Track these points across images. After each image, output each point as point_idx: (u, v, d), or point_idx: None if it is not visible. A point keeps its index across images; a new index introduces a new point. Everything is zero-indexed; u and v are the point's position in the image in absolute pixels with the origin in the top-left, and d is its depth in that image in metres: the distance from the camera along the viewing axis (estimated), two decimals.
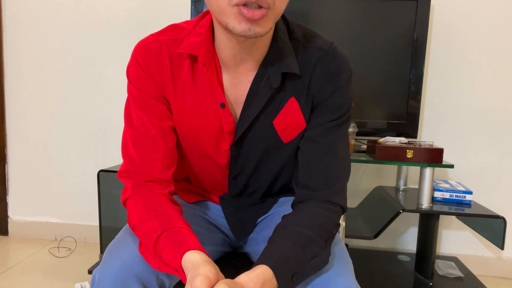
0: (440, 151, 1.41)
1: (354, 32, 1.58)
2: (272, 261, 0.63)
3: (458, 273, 1.65)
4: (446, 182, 1.64)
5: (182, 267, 0.60)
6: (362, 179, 1.88)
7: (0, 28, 1.93)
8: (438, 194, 1.54)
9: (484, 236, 1.59)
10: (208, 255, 0.62)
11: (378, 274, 1.62)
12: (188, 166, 0.87)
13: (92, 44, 1.90)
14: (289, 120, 0.77)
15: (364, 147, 1.63)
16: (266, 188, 0.88)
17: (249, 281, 0.59)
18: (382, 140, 1.49)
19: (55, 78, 1.94)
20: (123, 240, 0.72)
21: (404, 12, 1.55)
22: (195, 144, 0.80)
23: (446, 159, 1.80)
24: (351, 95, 0.78)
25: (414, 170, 1.81)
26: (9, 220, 2.07)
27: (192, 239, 0.64)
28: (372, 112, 1.62)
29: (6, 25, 1.93)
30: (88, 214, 2.01)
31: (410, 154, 1.41)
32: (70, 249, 1.93)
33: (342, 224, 1.21)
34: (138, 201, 0.72)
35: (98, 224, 1.91)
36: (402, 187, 1.75)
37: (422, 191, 1.47)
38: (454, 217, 1.85)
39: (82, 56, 1.92)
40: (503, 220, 1.42)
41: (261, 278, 0.60)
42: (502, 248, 1.44)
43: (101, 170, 1.56)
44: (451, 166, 1.43)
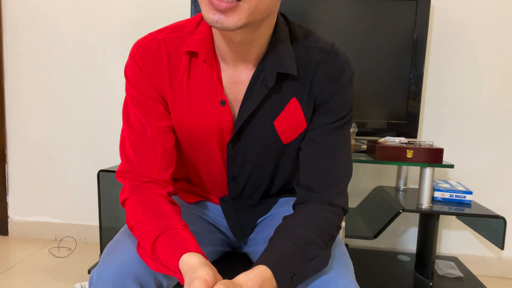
0: (440, 151, 1.40)
1: (354, 32, 1.58)
2: (271, 261, 0.62)
3: (458, 273, 1.64)
4: (446, 182, 1.64)
5: (179, 269, 0.60)
6: (362, 179, 1.88)
7: (0, 28, 1.93)
8: (438, 194, 1.53)
9: (484, 236, 1.59)
10: (206, 257, 0.62)
11: (378, 274, 1.62)
12: (188, 165, 0.87)
13: (92, 44, 1.90)
14: (290, 121, 0.76)
15: (364, 147, 1.63)
16: (265, 189, 0.88)
17: (247, 281, 0.58)
18: (382, 140, 1.49)
19: (55, 78, 1.94)
20: (121, 241, 0.72)
21: (404, 12, 1.55)
22: (194, 143, 0.80)
23: (446, 159, 1.79)
24: (353, 96, 0.78)
25: (414, 170, 1.80)
26: (9, 220, 2.07)
27: (190, 241, 0.64)
28: (372, 112, 1.62)
29: (6, 25, 1.93)
30: (88, 214, 2.01)
31: (410, 154, 1.41)
32: (70, 249, 1.93)
33: (342, 224, 1.21)
34: (136, 202, 0.72)
35: (98, 224, 1.91)
36: (402, 187, 1.75)
37: (422, 191, 1.47)
38: (454, 217, 1.84)
39: (82, 56, 1.92)
40: (503, 220, 1.42)
41: (260, 278, 0.59)
42: (502, 248, 1.44)
43: (101, 170, 1.56)
44: (451, 166, 1.43)
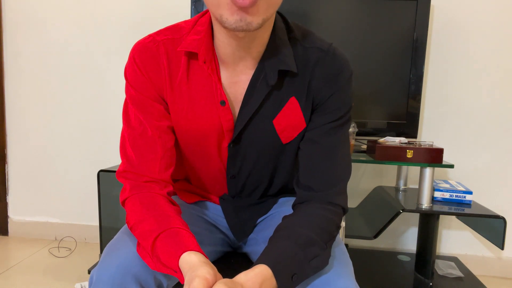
0: (440, 151, 1.40)
1: (354, 32, 1.58)
2: (271, 260, 0.62)
3: (458, 273, 1.64)
4: (446, 182, 1.64)
5: (179, 268, 0.60)
6: (362, 179, 1.88)
7: (0, 28, 1.93)
8: (438, 194, 1.53)
9: (484, 236, 1.59)
10: (206, 256, 0.62)
11: (378, 274, 1.62)
12: (188, 165, 0.87)
13: (92, 44, 1.90)
14: (289, 120, 0.77)
15: (364, 147, 1.63)
16: (265, 188, 0.88)
17: (247, 280, 0.58)
18: (382, 140, 1.49)
19: (55, 78, 1.95)
20: (121, 241, 0.72)
21: (404, 12, 1.55)
22: (194, 143, 0.80)
23: (446, 159, 1.79)
24: (351, 96, 0.78)
25: (414, 170, 1.80)
26: (9, 220, 2.07)
27: (190, 240, 0.64)
28: (372, 112, 1.62)
29: (6, 25, 1.93)
30: (88, 214, 2.01)
31: (410, 154, 1.41)
32: (70, 249, 1.93)
33: (342, 224, 1.21)
34: (136, 201, 0.72)
35: (98, 224, 1.91)
36: (402, 187, 1.75)
37: (422, 191, 1.47)
38: (454, 217, 1.84)
39: (82, 56, 1.92)
40: (503, 220, 1.42)
41: (260, 277, 0.59)
42: (502, 248, 1.44)
43: (101, 170, 1.56)
44: (451, 166, 1.43)
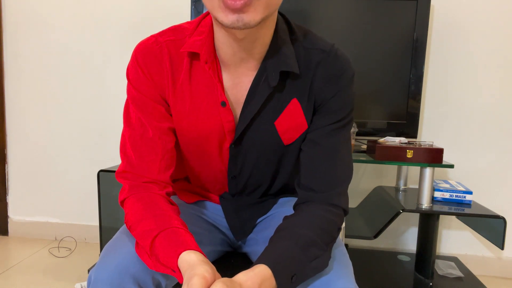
0: (440, 151, 1.40)
1: (354, 32, 1.58)
2: (271, 260, 0.62)
3: (458, 273, 1.64)
4: (446, 182, 1.63)
5: (178, 267, 0.60)
6: (362, 179, 1.88)
7: (0, 28, 1.93)
8: (438, 194, 1.53)
9: (484, 236, 1.59)
10: (205, 255, 0.62)
11: (378, 274, 1.62)
12: (188, 165, 0.87)
13: (92, 45, 1.90)
14: (291, 121, 0.76)
15: (364, 147, 1.63)
16: (265, 188, 0.88)
17: (247, 280, 0.58)
18: (382, 140, 1.49)
19: (55, 78, 1.95)
20: (119, 241, 0.72)
21: (404, 12, 1.55)
22: (195, 144, 0.80)
23: (446, 159, 1.79)
24: (353, 97, 0.77)
25: (414, 170, 1.80)
26: (9, 220, 2.07)
27: (189, 239, 0.64)
28: (372, 112, 1.62)
29: (6, 25, 1.93)
30: (88, 214, 2.01)
31: (410, 154, 1.41)
32: (70, 249, 1.93)
33: (342, 225, 1.20)
34: (135, 201, 0.72)
35: (98, 224, 1.91)
36: (402, 187, 1.75)
37: (422, 191, 1.47)
38: (454, 217, 1.84)
39: (82, 57, 1.92)
40: (503, 220, 1.42)
41: (259, 277, 0.59)
42: (502, 248, 1.43)
43: (101, 170, 1.56)
44: (451, 166, 1.43)
